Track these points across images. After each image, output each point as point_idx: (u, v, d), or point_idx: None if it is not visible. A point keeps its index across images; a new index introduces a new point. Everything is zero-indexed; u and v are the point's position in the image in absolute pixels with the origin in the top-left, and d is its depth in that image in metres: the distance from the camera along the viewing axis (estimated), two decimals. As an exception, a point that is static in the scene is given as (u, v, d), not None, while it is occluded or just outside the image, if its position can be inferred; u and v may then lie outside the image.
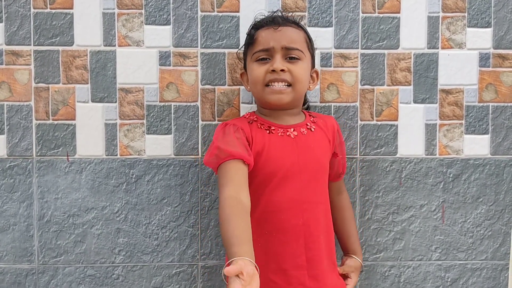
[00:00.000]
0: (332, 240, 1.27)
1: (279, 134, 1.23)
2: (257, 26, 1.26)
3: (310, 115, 1.31)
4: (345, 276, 1.31)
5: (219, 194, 1.13)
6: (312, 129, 1.26)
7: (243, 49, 1.32)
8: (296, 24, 1.26)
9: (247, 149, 1.17)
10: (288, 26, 1.24)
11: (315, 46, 1.32)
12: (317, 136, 1.26)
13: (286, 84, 1.20)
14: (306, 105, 1.38)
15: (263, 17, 1.30)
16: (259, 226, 1.19)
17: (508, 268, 1.47)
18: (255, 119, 1.26)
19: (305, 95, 1.36)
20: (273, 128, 1.24)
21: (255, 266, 0.96)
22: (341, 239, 1.37)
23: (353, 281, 1.31)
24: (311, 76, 1.29)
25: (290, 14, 1.34)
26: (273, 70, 1.19)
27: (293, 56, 1.21)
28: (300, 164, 1.21)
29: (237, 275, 0.91)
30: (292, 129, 1.24)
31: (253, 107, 1.41)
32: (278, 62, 1.19)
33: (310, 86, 1.29)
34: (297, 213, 1.20)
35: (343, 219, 1.36)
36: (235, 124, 1.22)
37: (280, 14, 1.29)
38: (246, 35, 1.29)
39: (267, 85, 1.21)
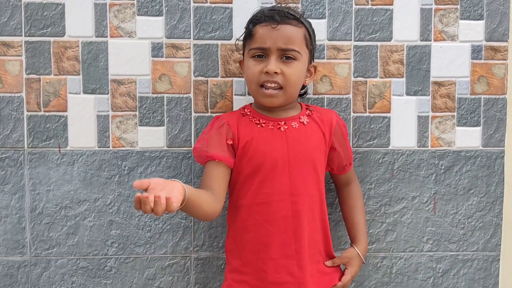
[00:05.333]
0: (325, 231, 1.27)
1: (270, 127, 1.24)
2: (256, 20, 1.23)
3: (307, 108, 1.30)
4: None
5: None
6: (305, 123, 1.26)
7: (242, 38, 1.30)
8: (296, 19, 1.23)
9: (226, 149, 1.21)
10: (287, 24, 1.21)
11: (316, 39, 1.31)
12: (310, 130, 1.26)
13: (277, 87, 1.20)
14: (304, 90, 1.36)
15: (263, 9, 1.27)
16: (250, 217, 1.22)
17: (499, 259, 1.48)
18: (248, 112, 1.27)
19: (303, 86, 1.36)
20: (263, 121, 1.24)
21: (184, 189, 1.04)
22: (347, 228, 1.37)
23: (349, 272, 1.30)
24: (309, 70, 1.28)
25: (291, 7, 1.30)
26: (267, 72, 1.19)
27: (289, 56, 1.20)
28: (289, 157, 1.22)
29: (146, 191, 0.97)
30: (283, 123, 1.25)
31: (246, 98, 1.41)
32: (272, 64, 1.19)
33: (306, 81, 1.29)
34: (286, 205, 1.21)
35: (349, 208, 1.37)
36: (224, 118, 1.25)
37: (280, 9, 1.24)
38: (244, 28, 1.28)
39: (261, 86, 1.21)
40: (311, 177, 1.24)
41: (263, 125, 1.24)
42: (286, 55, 1.20)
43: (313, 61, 1.30)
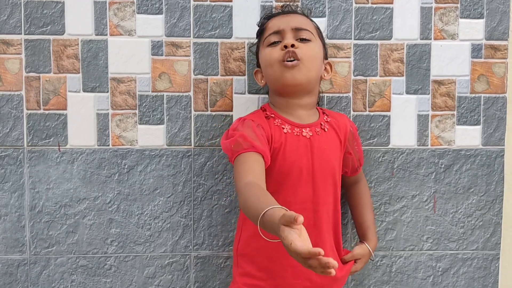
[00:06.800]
0: (339, 234, 1.28)
1: (295, 133, 1.22)
2: (267, 16, 1.29)
3: (323, 113, 1.30)
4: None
5: (236, 183, 1.09)
6: (326, 129, 1.26)
7: (254, 46, 1.33)
8: (305, 15, 1.30)
9: (268, 147, 1.16)
10: (297, 14, 1.27)
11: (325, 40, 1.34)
12: (330, 137, 1.26)
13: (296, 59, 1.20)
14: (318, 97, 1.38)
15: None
16: None
17: (499, 258, 1.48)
18: (272, 115, 1.24)
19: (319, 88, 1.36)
20: (289, 127, 1.22)
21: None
22: (356, 226, 1.39)
23: (356, 267, 1.33)
24: (325, 68, 1.29)
25: (299, 7, 1.37)
26: (285, 46, 1.19)
27: (304, 37, 1.22)
28: (313, 166, 1.21)
29: (289, 226, 0.83)
30: (307, 129, 1.23)
31: (246, 97, 1.41)
32: (289, 38, 1.20)
33: (325, 75, 1.29)
34: (309, 213, 1.20)
35: (358, 206, 1.38)
36: (255, 120, 1.20)
37: (290, 7, 1.33)
38: (257, 25, 1.31)
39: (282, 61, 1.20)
40: (330, 185, 1.24)
41: (289, 130, 1.22)
42: (301, 37, 1.22)
43: (327, 59, 1.32)
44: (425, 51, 1.43)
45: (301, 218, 0.82)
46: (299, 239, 0.81)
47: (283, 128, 1.22)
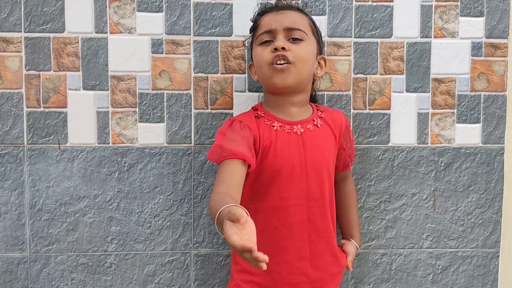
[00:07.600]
0: (334, 230, 1.28)
1: (286, 130, 1.22)
2: (261, 12, 1.27)
3: (317, 109, 1.30)
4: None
5: (212, 190, 1.13)
6: (319, 125, 1.26)
7: (249, 40, 1.32)
8: (300, 10, 1.27)
9: (250, 149, 1.16)
10: (291, 10, 1.24)
11: (321, 33, 1.32)
12: (323, 133, 1.26)
13: (287, 62, 1.19)
14: (313, 94, 1.37)
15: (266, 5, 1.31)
16: (266, 221, 1.20)
17: (498, 256, 1.48)
18: (262, 114, 1.25)
19: (313, 85, 1.35)
20: (280, 124, 1.23)
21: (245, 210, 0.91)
22: (341, 223, 1.39)
23: (348, 263, 1.34)
24: (319, 63, 1.28)
25: (294, 2, 1.33)
26: (275, 49, 1.18)
27: (296, 37, 1.20)
28: (306, 161, 1.21)
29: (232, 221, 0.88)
30: (299, 126, 1.23)
31: (246, 95, 1.41)
32: (280, 41, 1.19)
33: (318, 72, 1.28)
34: (303, 209, 1.21)
35: (345, 205, 1.38)
36: (242, 122, 1.21)
37: (284, 1, 1.30)
38: (250, 21, 1.30)
39: (271, 64, 1.20)
40: (324, 180, 1.24)
41: (279, 128, 1.22)
42: (293, 36, 1.20)
43: (321, 54, 1.30)
44: (425, 49, 1.43)
45: (243, 220, 0.86)
46: (238, 233, 0.86)
47: (273, 127, 1.22)
